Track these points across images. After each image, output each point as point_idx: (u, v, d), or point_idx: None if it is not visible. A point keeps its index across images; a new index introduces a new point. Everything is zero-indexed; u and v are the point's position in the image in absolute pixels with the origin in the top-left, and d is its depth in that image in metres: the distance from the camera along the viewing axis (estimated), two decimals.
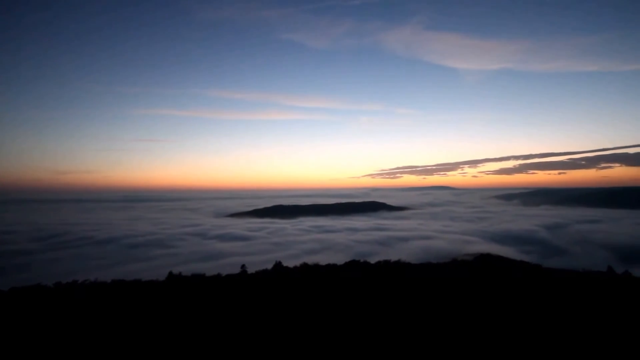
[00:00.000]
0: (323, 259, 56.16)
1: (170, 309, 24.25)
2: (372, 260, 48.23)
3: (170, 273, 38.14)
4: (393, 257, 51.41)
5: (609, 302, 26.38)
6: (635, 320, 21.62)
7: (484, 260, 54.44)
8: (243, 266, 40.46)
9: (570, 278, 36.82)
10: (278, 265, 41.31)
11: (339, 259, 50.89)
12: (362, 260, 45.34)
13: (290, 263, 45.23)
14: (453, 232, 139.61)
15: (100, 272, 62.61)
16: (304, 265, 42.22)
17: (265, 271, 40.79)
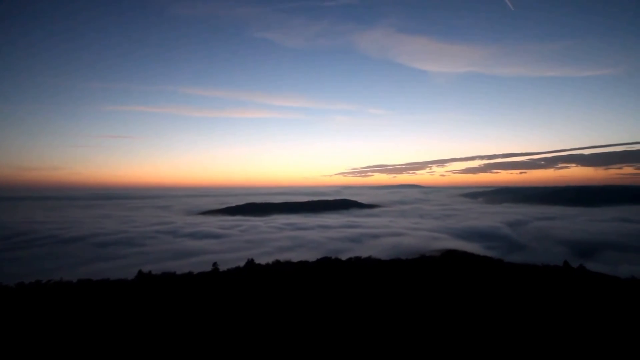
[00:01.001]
0: (295, 256, 56.58)
1: (140, 308, 23.76)
2: (344, 256, 49.22)
3: (140, 272, 37.15)
4: (364, 254, 52.76)
5: (565, 294, 28.57)
6: (589, 310, 23.71)
7: (450, 256, 56.99)
8: (215, 264, 40.09)
9: (530, 272, 39.40)
10: (250, 262, 41.27)
11: (312, 256, 51.53)
12: (333, 257, 46.20)
13: (262, 260, 45.31)
14: (422, 229, 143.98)
15: (66, 272, 59.78)
16: (276, 263, 42.48)
17: (237, 269, 40.66)
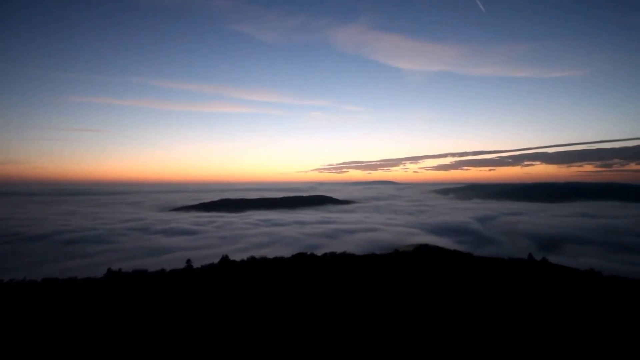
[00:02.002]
0: (271, 252, 56.36)
1: (109, 306, 22.93)
2: (320, 252, 49.49)
3: (109, 270, 35.77)
4: (340, 249, 53.22)
5: (529, 285, 30.10)
6: (551, 300, 25.12)
7: (423, 250, 58.66)
8: (188, 261, 39.24)
9: (497, 265, 41.23)
10: (225, 259, 40.70)
11: (288, 251, 51.44)
12: (309, 253, 46.31)
13: (238, 257, 44.79)
14: (396, 225, 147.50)
15: (30, 271, 57.21)
16: (251, 259, 42.09)
17: (211, 265, 39.99)
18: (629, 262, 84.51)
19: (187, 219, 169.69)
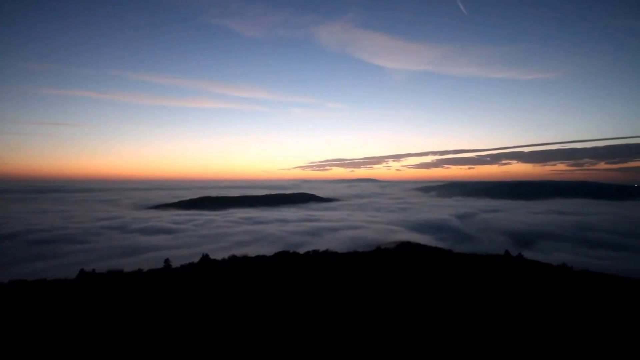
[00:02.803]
0: (254, 251, 55.63)
1: (82, 308, 21.93)
2: (302, 250, 49.26)
3: (82, 271, 34.31)
4: (322, 247, 53.16)
5: (505, 280, 30.88)
6: (525, 294, 25.80)
7: (404, 247, 59.28)
8: (167, 260, 38.15)
9: (475, 261, 42.13)
10: (205, 258, 39.82)
11: (270, 250, 50.90)
12: (291, 251, 46.00)
13: (219, 256, 43.98)
14: (378, 222, 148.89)
15: None
16: (233, 258, 41.40)
17: (191, 265, 39.05)
18: (599, 257, 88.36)
19: (166, 217, 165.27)
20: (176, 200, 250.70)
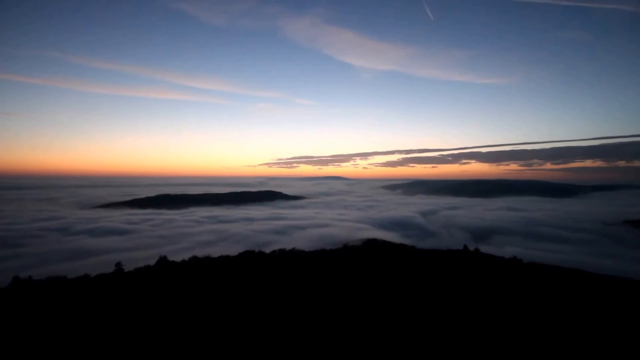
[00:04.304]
0: (217, 251, 53.21)
1: (15, 318, 19.26)
2: (269, 249, 47.86)
3: (16, 277, 30.63)
4: (289, 246, 52.08)
5: (463, 273, 31.90)
6: (480, 286, 26.55)
7: (371, 244, 59.73)
8: (118, 264, 35.18)
9: (437, 256, 43.27)
10: (163, 260, 37.28)
11: (235, 250, 48.80)
12: (257, 250, 44.50)
13: (179, 257, 41.48)
14: (346, 220, 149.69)
15: None
16: (193, 259, 39.17)
17: (147, 268, 36.35)
18: (545, 250, 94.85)
19: (118, 217, 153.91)
20: (129, 198, 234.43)
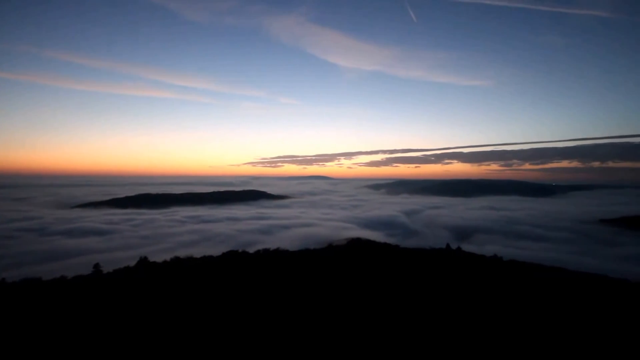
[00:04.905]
0: (200, 251, 52.32)
1: None
2: (253, 249, 47.41)
3: None
4: (274, 246, 51.75)
5: (446, 271, 32.39)
6: (463, 283, 27.03)
7: (355, 244, 59.95)
8: (97, 265, 34.14)
9: (420, 255, 43.82)
10: (143, 260, 36.41)
11: (219, 250, 48.09)
12: (240, 250, 44.01)
13: (160, 258, 40.59)
14: (331, 220, 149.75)
15: None
16: (176, 259, 38.40)
17: (127, 269, 35.41)
18: (524, 248, 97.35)
19: (98, 217, 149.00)
20: (109, 197, 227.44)
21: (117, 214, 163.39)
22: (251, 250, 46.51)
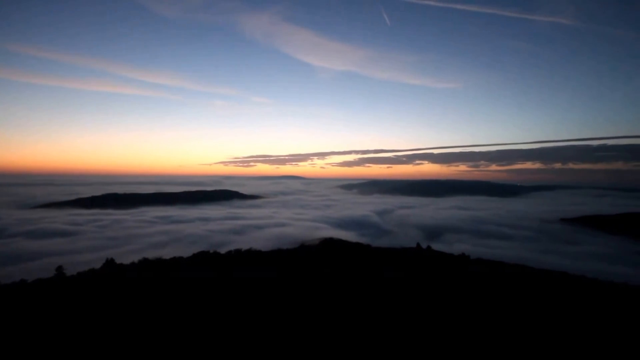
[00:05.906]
0: (170, 253, 51.30)
1: None
2: (225, 250, 47.06)
3: None
4: (247, 246, 51.54)
5: (417, 270, 33.70)
6: (432, 282, 28.36)
7: (327, 243, 60.90)
8: (59, 268, 32.83)
9: (391, 254, 45.22)
10: (110, 262, 35.38)
11: (190, 251, 47.41)
12: (211, 251, 43.62)
13: (128, 260, 39.53)
14: (303, 219, 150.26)
15: None
16: (144, 261, 37.57)
17: (92, 271, 34.26)
18: (490, 247, 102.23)
19: (61, 218, 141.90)
20: (73, 197, 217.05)
21: (82, 214, 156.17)
22: (223, 250, 46.18)
